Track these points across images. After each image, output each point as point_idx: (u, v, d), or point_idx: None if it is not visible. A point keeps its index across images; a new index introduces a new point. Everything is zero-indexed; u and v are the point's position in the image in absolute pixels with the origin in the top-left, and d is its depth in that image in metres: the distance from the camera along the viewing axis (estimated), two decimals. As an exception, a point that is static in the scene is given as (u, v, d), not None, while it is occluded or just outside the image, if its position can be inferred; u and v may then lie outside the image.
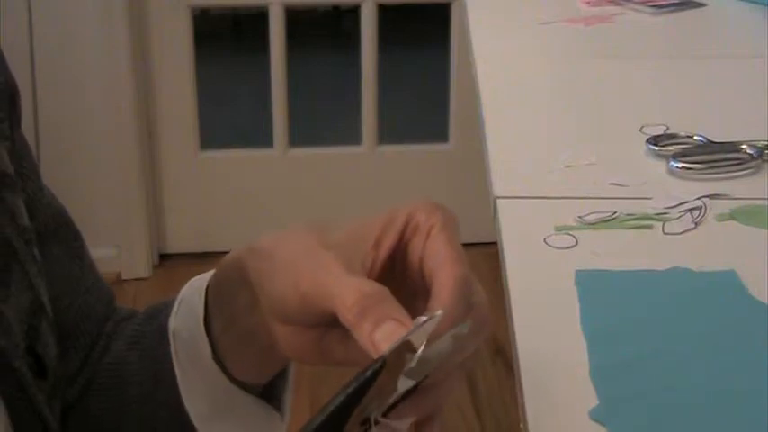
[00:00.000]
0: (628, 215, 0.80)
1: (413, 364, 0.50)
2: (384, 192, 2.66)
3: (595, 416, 0.58)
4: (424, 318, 0.50)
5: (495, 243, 0.79)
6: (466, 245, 0.69)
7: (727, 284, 0.71)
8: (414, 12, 3.56)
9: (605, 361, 0.63)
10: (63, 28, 2.41)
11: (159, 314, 0.69)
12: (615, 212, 0.80)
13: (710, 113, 1.01)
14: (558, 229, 0.78)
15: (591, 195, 0.83)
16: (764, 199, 0.82)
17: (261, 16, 2.68)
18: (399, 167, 2.64)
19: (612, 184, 0.85)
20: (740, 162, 0.87)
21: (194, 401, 0.65)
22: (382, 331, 0.51)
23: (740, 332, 0.66)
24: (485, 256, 2.64)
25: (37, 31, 2.40)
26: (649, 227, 0.79)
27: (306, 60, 3.42)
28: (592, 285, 0.71)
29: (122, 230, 2.53)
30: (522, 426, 0.60)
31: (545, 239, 0.77)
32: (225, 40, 4.17)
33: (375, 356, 0.50)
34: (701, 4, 1.37)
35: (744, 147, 0.89)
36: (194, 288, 0.65)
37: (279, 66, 2.59)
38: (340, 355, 0.57)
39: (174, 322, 0.66)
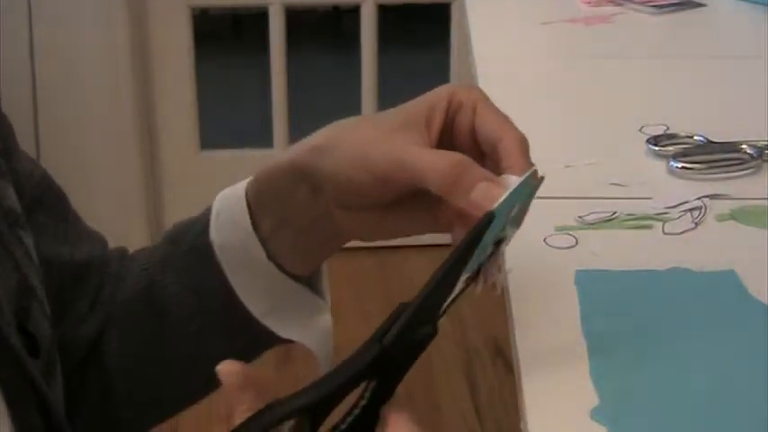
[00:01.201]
0: (628, 215, 0.80)
1: (513, 213, 0.59)
2: (384, 192, 2.66)
3: (595, 416, 0.58)
4: (513, 176, 0.59)
5: (495, 243, 0.79)
6: (466, 245, 0.69)
7: (727, 284, 0.71)
8: (414, 12, 3.56)
9: (605, 361, 0.63)
10: (63, 28, 2.41)
11: (186, 234, 0.73)
12: (615, 212, 0.80)
13: (710, 113, 1.01)
14: (558, 229, 0.78)
15: (591, 195, 0.83)
16: (764, 199, 0.82)
17: (261, 16, 2.68)
18: (399, 167, 2.64)
19: (612, 184, 0.85)
20: (740, 162, 0.87)
21: (253, 302, 0.71)
22: (479, 191, 0.58)
23: (740, 332, 0.66)
24: (485, 256, 2.65)
25: (37, 31, 2.40)
26: (649, 227, 0.79)
27: (306, 60, 3.42)
28: (592, 285, 0.71)
29: (122, 230, 2.53)
30: (522, 426, 0.60)
31: (545, 239, 0.77)
32: (225, 40, 4.17)
33: (480, 214, 0.57)
34: (701, 4, 1.37)
35: (744, 147, 0.89)
36: (229, 201, 0.70)
37: (279, 66, 2.59)
38: (394, 228, 0.66)
39: (217, 236, 0.70)
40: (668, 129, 0.95)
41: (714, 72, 1.14)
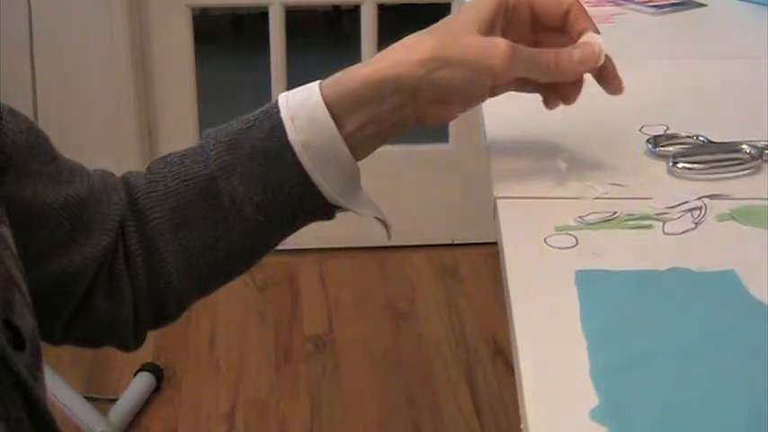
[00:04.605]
0: (628, 215, 0.80)
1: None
2: (384, 192, 2.66)
3: (595, 416, 0.58)
4: (593, 33, 0.84)
5: (495, 243, 0.79)
6: (466, 245, 0.69)
7: (727, 284, 0.71)
8: (414, 12, 3.56)
9: (605, 361, 0.63)
10: (63, 27, 2.41)
11: (243, 142, 0.82)
12: (615, 212, 0.80)
13: (710, 113, 1.01)
14: (558, 229, 0.78)
15: (591, 195, 0.83)
16: (764, 199, 0.82)
17: (261, 16, 2.68)
18: (399, 167, 2.64)
19: (612, 184, 0.85)
20: (740, 162, 0.87)
21: (330, 188, 0.82)
22: (578, 55, 0.83)
23: (740, 332, 0.66)
24: (485, 256, 2.65)
25: (37, 30, 2.40)
26: (649, 227, 0.79)
27: (306, 60, 3.41)
28: (592, 285, 0.71)
29: (122, 230, 2.53)
30: (522, 426, 0.60)
31: (545, 239, 0.77)
32: (225, 40, 4.17)
33: (588, 70, 0.85)
34: (701, 4, 1.37)
35: (744, 147, 0.89)
36: (305, 107, 0.81)
37: (279, 66, 2.59)
38: (458, 112, 0.84)
39: (297, 136, 0.81)
40: (668, 129, 0.95)
41: (714, 72, 1.14)
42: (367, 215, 0.86)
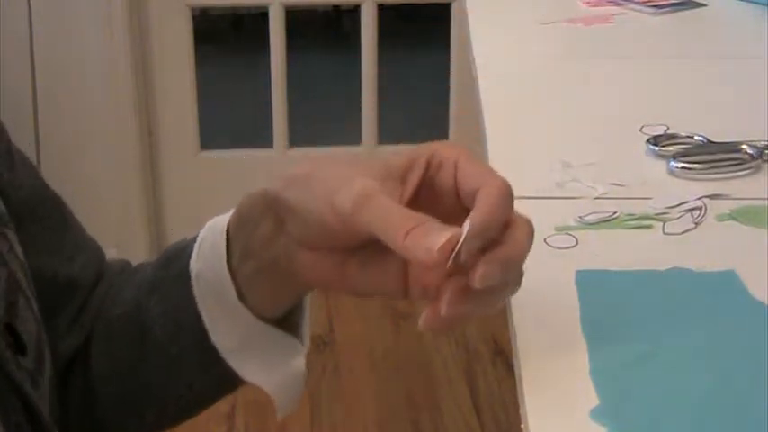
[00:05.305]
0: (628, 215, 0.80)
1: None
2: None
3: (595, 416, 0.58)
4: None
5: (495, 243, 0.79)
6: (466, 245, 0.68)
7: (727, 284, 0.71)
8: (414, 12, 3.56)
9: (605, 361, 0.63)
10: (63, 27, 2.41)
11: (178, 259, 0.71)
12: (615, 212, 0.80)
13: (710, 113, 1.01)
14: (558, 229, 0.78)
15: (591, 195, 0.83)
16: (764, 199, 0.82)
17: (261, 16, 2.68)
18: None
19: (612, 184, 0.85)
20: (740, 162, 0.87)
21: (222, 338, 0.69)
22: (446, 233, 0.56)
23: (740, 332, 0.66)
24: (485, 256, 2.65)
25: (37, 31, 2.40)
26: (649, 227, 0.79)
27: (306, 60, 3.41)
28: (592, 285, 0.71)
29: (122, 230, 2.54)
30: (522, 426, 0.60)
31: (545, 239, 0.77)
32: (225, 40, 4.18)
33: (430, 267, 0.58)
34: (701, 4, 1.37)
35: (744, 147, 0.89)
36: (214, 229, 0.69)
37: (279, 66, 2.59)
38: (357, 282, 0.63)
39: (195, 265, 0.69)
40: (668, 129, 0.95)
41: (714, 72, 1.14)
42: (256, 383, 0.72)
